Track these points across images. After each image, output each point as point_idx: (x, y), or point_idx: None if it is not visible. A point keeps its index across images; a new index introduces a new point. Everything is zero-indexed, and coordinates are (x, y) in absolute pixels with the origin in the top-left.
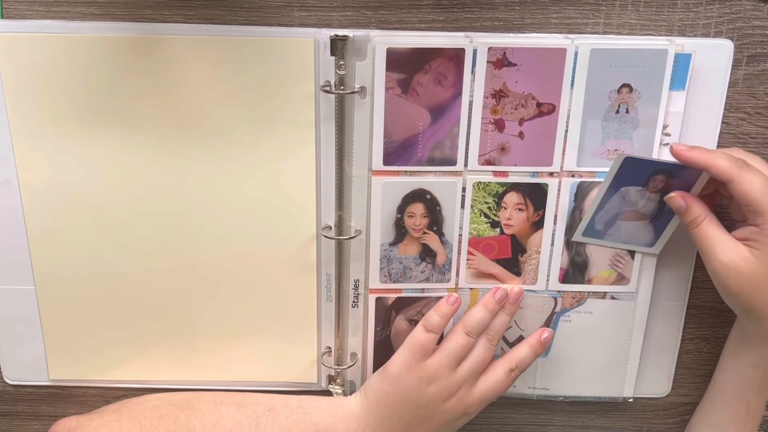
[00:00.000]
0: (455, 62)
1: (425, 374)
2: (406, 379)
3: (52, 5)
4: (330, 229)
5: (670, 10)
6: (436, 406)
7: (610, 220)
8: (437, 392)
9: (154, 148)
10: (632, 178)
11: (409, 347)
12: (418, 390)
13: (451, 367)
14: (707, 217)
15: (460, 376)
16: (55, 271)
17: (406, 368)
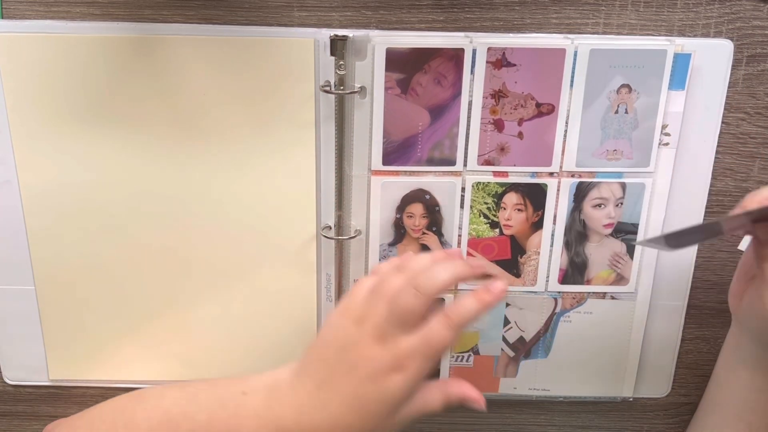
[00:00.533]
0: (455, 62)
1: (351, 312)
2: (334, 318)
3: (52, 5)
4: (330, 229)
5: (670, 10)
6: (359, 349)
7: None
8: (361, 333)
9: (154, 148)
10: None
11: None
12: (344, 329)
13: (379, 307)
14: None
15: (387, 318)
16: (55, 271)
17: (337, 309)
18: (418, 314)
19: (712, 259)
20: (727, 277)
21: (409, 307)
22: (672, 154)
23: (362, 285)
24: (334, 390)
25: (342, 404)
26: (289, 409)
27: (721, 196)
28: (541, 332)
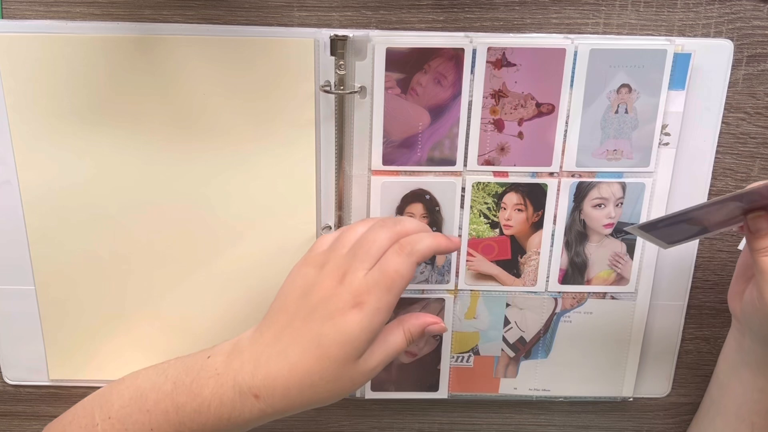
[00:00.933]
0: (455, 62)
1: (311, 260)
2: (298, 268)
3: (52, 5)
4: (330, 229)
5: (670, 10)
6: (318, 292)
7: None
8: (321, 276)
9: (154, 147)
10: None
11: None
12: (304, 277)
13: (339, 251)
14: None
15: (345, 257)
16: (55, 271)
17: (302, 259)
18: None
19: (712, 259)
20: (727, 277)
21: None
22: (672, 154)
23: (324, 237)
24: (293, 336)
25: (301, 349)
26: (247, 363)
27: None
28: (541, 332)
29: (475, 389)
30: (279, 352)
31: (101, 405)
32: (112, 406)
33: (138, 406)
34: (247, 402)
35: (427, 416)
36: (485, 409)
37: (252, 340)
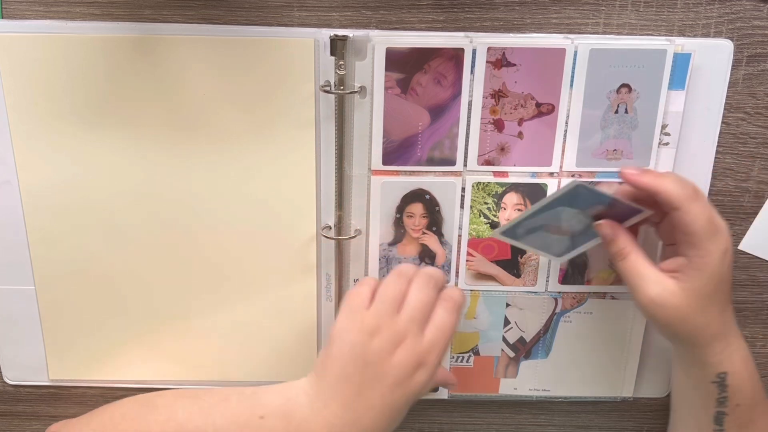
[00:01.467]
0: (455, 62)
1: (365, 326)
2: (348, 335)
3: (52, 5)
4: (330, 229)
5: (670, 10)
6: (384, 360)
7: (534, 229)
8: (382, 344)
9: (153, 148)
10: (575, 202)
11: (346, 302)
12: (362, 346)
13: (391, 314)
14: (633, 250)
15: (402, 322)
16: (55, 271)
17: (346, 323)
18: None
19: None
20: None
21: (426, 301)
22: (672, 153)
23: (360, 295)
24: (364, 406)
25: (374, 417)
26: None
27: (721, 196)
28: (541, 332)
29: (475, 389)
30: (352, 421)
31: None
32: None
33: None
34: None
35: (427, 416)
36: (485, 409)
37: (314, 410)
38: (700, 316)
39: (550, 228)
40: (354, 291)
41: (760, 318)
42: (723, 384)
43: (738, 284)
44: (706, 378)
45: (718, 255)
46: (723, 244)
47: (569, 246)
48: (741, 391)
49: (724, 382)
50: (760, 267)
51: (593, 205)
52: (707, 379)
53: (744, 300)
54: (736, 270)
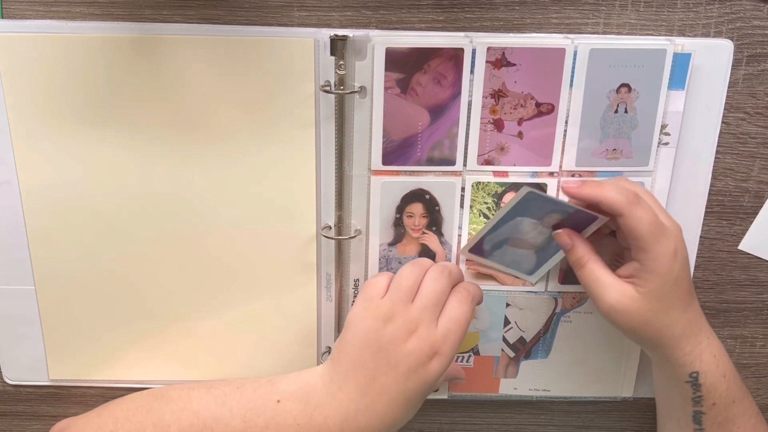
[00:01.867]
0: (454, 62)
1: (380, 313)
2: (362, 322)
3: (52, 5)
4: (330, 229)
5: (670, 10)
6: (398, 347)
7: (498, 243)
8: (396, 331)
9: (153, 148)
10: (531, 211)
11: (362, 290)
12: (376, 332)
13: (405, 303)
14: (591, 259)
15: (416, 310)
16: (55, 271)
17: (361, 311)
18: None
19: (712, 259)
20: (727, 277)
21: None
22: (672, 153)
23: (376, 285)
24: (379, 392)
25: (389, 403)
26: (332, 418)
27: (721, 196)
28: (541, 332)
29: (475, 389)
30: (366, 406)
31: (154, 424)
32: (170, 427)
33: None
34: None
35: (427, 416)
36: (485, 409)
37: (330, 394)
38: (662, 318)
39: (514, 242)
40: (370, 281)
41: (760, 318)
42: (696, 383)
43: (738, 284)
44: (680, 378)
45: (667, 256)
46: (671, 244)
47: (537, 261)
48: (715, 390)
49: (697, 381)
50: (760, 267)
51: (549, 214)
52: (681, 379)
53: (744, 300)
54: (737, 270)
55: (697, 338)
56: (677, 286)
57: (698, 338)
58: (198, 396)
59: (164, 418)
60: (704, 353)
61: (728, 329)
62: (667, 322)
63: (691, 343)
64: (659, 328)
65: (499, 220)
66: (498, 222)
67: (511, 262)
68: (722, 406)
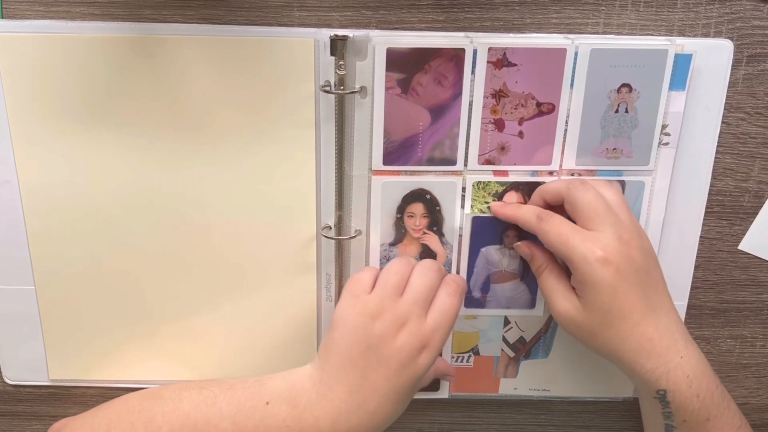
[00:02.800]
0: (455, 62)
1: (367, 309)
2: (350, 319)
3: (52, 5)
4: (330, 229)
5: (670, 10)
6: (387, 343)
7: (484, 285)
8: (384, 327)
9: (153, 147)
10: (488, 236)
11: (347, 287)
12: (364, 329)
13: (393, 298)
14: (548, 266)
15: (404, 305)
16: (55, 270)
17: (348, 308)
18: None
19: (712, 259)
20: (727, 277)
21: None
22: (672, 153)
23: (361, 281)
24: (369, 390)
25: (380, 400)
26: (323, 419)
27: (721, 196)
28: (541, 332)
29: (475, 389)
30: (358, 405)
31: (145, 423)
32: (161, 428)
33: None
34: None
35: (427, 416)
36: (485, 409)
37: (320, 394)
38: (608, 331)
39: (496, 278)
40: (355, 277)
41: (760, 318)
42: (664, 400)
43: (738, 284)
44: (648, 393)
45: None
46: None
47: (529, 290)
48: (686, 409)
49: (665, 398)
50: (760, 267)
51: (505, 233)
52: (649, 394)
53: (744, 300)
54: (737, 270)
55: (662, 357)
56: (616, 297)
57: (664, 356)
58: (189, 397)
59: (155, 419)
60: (673, 372)
61: (728, 329)
62: (614, 336)
63: (653, 361)
64: (607, 340)
65: (469, 258)
66: (469, 260)
67: (508, 301)
68: (694, 423)
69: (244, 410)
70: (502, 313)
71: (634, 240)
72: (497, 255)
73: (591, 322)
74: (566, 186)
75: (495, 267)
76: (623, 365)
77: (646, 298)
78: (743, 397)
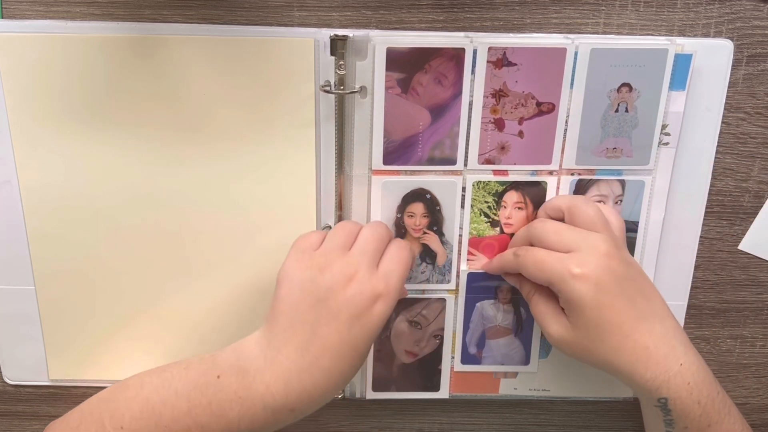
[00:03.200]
0: (455, 62)
1: (314, 262)
2: (297, 273)
3: (52, 5)
4: (330, 228)
5: (670, 10)
6: (336, 295)
7: (479, 341)
8: (333, 278)
9: (153, 147)
10: (483, 291)
11: (294, 244)
12: (312, 282)
13: (342, 250)
14: (536, 292)
15: (354, 255)
16: (54, 270)
17: (293, 263)
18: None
19: (712, 259)
20: (727, 277)
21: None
22: (672, 153)
23: (308, 238)
24: (321, 345)
25: (334, 356)
26: (274, 384)
27: (721, 196)
28: (541, 332)
29: (476, 389)
30: (309, 364)
31: (110, 413)
32: (123, 416)
33: (153, 421)
34: (281, 415)
35: (427, 416)
36: (485, 409)
37: (268, 359)
38: (601, 347)
39: (491, 333)
40: (303, 235)
41: (760, 318)
42: (666, 408)
43: (738, 284)
44: (649, 401)
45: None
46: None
47: (523, 345)
48: (687, 416)
49: (666, 406)
50: (760, 267)
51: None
52: (650, 402)
53: (744, 300)
54: (737, 270)
55: (660, 365)
56: (601, 310)
57: (663, 365)
58: (149, 381)
59: (119, 408)
60: (674, 380)
61: (728, 329)
62: (608, 349)
63: (652, 370)
64: (602, 354)
65: (465, 313)
66: (465, 316)
67: (503, 357)
68: (696, 430)
69: (198, 387)
70: (497, 369)
71: (613, 251)
72: (492, 310)
73: (583, 340)
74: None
75: (490, 322)
76: (622, 376)
77: (635, 308)
78: (743, 397)
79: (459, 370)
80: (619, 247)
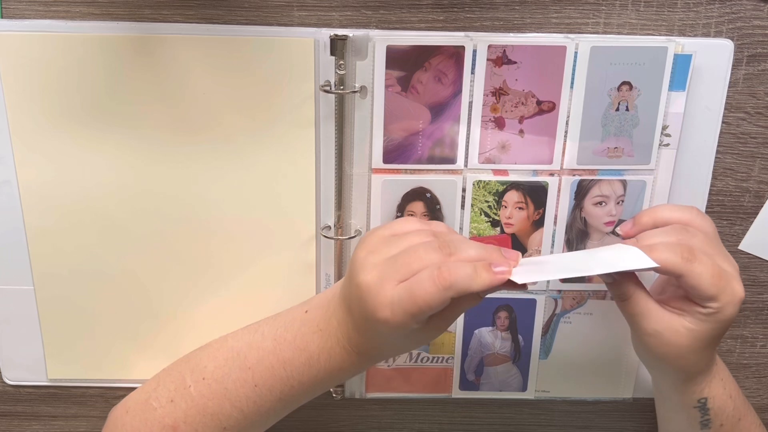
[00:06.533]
0: (455, 60)
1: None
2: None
3: (52, 5)
4: (330, 228)
5: (670, 10)
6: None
7: (478, 368)
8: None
9: (153, 147)
10: (480, 318)
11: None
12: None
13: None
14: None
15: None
16: (54, 271)
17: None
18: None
19: None
20: None
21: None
22: (672, 154)
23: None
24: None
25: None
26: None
27: (722, 196)
28: (541, 333)
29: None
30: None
31: (191, 369)
32: (205, 368)
33: (237, 364)
34: (353, 357)
35: (427, 416)
36: (485, 409)
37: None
38: (696, 355)
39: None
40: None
41: (760, 318)
42: (704, 408)
43: None
44: (688, 405)
45: (732, 306)
46: (736, 291)
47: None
48: (723, 413)
49: (705, 406)
50: (760, 267)
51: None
52: (689, 405)
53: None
54: None
55: (711, 369)
56: (725, 330)
57: (711, 369)
58: (233, 335)
59: (201, 361)
60: (714, 380)
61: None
62: (699, 359)
63: (706, 375)
64: (690, 363)
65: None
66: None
67: (501, 383)
68: (730, 426)
69: (284, 324)
70: (495, 396)
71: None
72: (490, 337)
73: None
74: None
75: (488, 350)
76: (678, 382)
77: None
78: None
79: (457, 396)
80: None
